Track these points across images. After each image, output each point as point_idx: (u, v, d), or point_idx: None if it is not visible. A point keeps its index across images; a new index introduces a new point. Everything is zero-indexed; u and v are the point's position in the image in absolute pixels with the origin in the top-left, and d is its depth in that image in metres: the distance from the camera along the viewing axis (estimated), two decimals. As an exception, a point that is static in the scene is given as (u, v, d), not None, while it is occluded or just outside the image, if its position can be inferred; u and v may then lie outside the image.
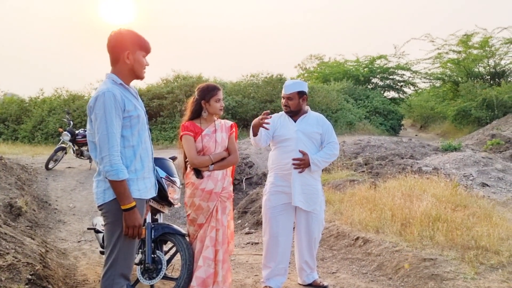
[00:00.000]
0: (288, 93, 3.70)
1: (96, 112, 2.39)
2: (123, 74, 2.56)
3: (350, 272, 4.28)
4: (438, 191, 5.77)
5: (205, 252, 3.34)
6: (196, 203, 3.39)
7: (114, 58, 2.56)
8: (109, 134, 2.37)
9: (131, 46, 2.53)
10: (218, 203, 3.41)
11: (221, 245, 3.39)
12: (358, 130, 19.87)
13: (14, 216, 5.91)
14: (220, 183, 3.43)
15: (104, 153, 2.37)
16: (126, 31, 2.56)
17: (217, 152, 3.43)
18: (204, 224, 3.40)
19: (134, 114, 2.51)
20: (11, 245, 3.75)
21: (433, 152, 10.92)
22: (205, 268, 3.32)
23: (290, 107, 3.71)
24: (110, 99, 2.39)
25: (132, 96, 2.59)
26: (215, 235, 3.38)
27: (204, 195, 3.38)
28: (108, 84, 2.49)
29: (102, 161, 2.38)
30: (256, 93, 18.03)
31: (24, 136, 16.72)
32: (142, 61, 2.59)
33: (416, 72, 26.77)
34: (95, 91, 2.49)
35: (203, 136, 3.43)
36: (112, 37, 2.55)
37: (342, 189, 6.68)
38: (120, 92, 2.47)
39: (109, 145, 2.37)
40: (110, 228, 2.50)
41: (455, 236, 4.36)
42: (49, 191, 8.08)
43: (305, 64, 31.17)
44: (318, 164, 3.63)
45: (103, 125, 2.37)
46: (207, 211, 3.39)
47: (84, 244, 5.67)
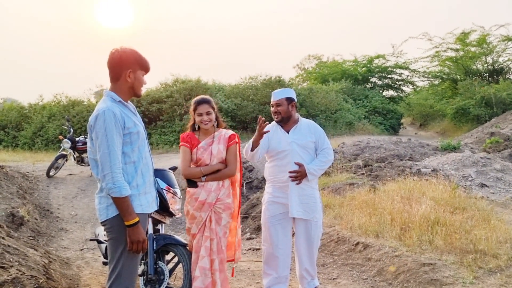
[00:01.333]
0: (276, 100, 3.75)
1: (97, 131, 2.44)
2: (122, 91, 2.61)
3: (351, 278, 4.32)
4: (437, 193, 5.81)
5: (201, 262, 3.38)
6: (190, 212, 3.46)
7: (115, 75, 2.60)
8: (111, 152, 2.41)
9: (133, 65, 2.58)
10: (211, 213, 3.44)
11: (217, 255, 3.42)
12: (357, 130, 19.92)
13: (16, 226, 5.96)
14: (214, 194, 3.46)
15: (106, 170, 2.41)
16: (129, 49, 2.60)
17: (211, 165, 3.46)
18: (197, 234, 3.44)
19: (134, 131, 2.56)
20: (14, 257, 3.80)
21: (432, 152, 10.96)
22: (203, 278, 3.36)
23: (281, 114, 3.74)
24: (110, 117, 2.43)
25: (131, 113, 2.64)
26: (210, 245, 3.42)
27: (197, 204, 3.43)
28: (107, 102, 2.53)
29: (105, 179, 2.42)
30: (255, 95, 18.06)
31: (24, 143, 16.76)
32: (141, 80, 2.65)
33: (414, 70, 26.86)
34: (95, 110, 2.53)
35: (198, 148, 3.49)
36: (114, 55, 2.58)
37: (342, 193, 6.71)
38: (119, 110, 2.51)
39: (111, 163, 2.41)
40: (113, 244, 2.54)
41: (454, 240, 4.40)
42: (50, 199, 8.12)
43: (304, 64, 31.22)
44: (315, 173, 3.68)
45: (104, 143, 2.41)
46: (200, 221, 3.43)
47: (86, 252, 5.71)
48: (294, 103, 3.78)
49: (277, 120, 3.79)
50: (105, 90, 2.65)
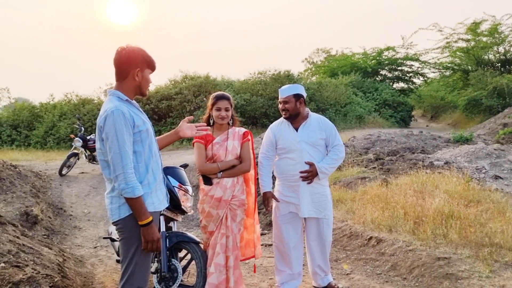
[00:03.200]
0: (284, 97, 3.70)
1: (106, 132, 2.42)
2: (128, 90, 2.58)
3: (365, 273, 4.29)
4: (451, 186, 5.75)
5: (216, 259, 3.39)
6: (206, 210, 3.44)
7: (122, 74, 2.57)
8: (122, 152, 2.40)
9: (141, 64, 2.55)
10: (227, 210, 3.45)
11: (232, 252, 3.43)
12: (368, 123, 19.79)
13: (30, 225, 6.01)
14: (230, 191, 3.46)
15: (118, 171, 2.40)
16: (136, 48, 2.57)
17: (228, 160, 3.46)
18: (214, 231, 3.45)
19: (144, 129, 2.55)
20: (29, 256, 3.82)
21: (444, 145, 10.85)
22: (217, 274, 3.37)
23: (289, 111, 3.70)
24: (120, 117, 2.41)
25: (138, 111, 2.62)
26: (225, 242, 3.43)
27: (213, 202, 3.42)
28: (114, 101, 2.51)
29: (117, 179, 2.41)
30: (264, 90, 18.02)
31: (36, 142, 16.93)
32: (148, 79, 2.62)
33: (425, 62, 26.56)
34: (102, 110, 2.49)
35: (214, 144, 3.47)
36: (121, 53, 2.55)
37: (354, 187, 6.67)
38: (127, 109, 2.49)
39: (122, 163, 2.39)
40: (126, 243, 2.54)
41: (469, 234, 4.35)
42: (63, 197, 8.19)
43: (312, 58, 31.13)
44: (326, 172, 3.62)
45: (115, 144, 2.39)
46: (217, 219, 3.43)
47: (100, 250, 5.75)
48: (303, 99, 3.72)
49: (285, 117, 3.75)
50: (109, 90, 2.61)
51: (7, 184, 7.00)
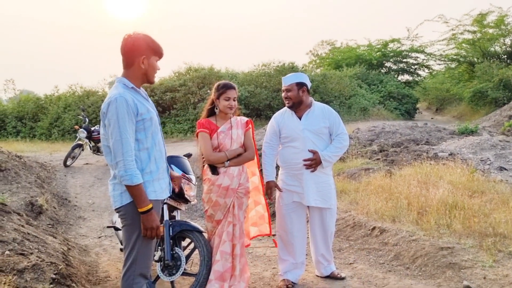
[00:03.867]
0: (286, 85, 3.70)
1: (109, 118, 2.42)
2: (135, 78, 2.57)
3: (367, 263, 4.30)
4: (455, 177, 5.73)
5: (222, 247, 3.40)
6: (213, 199, 3.44)
7: (129, 62, 2.56)
8: (123, 140, 2.40)
9: (147, 51, 2.54)
10: (234, 199, 3.46)
11: (238, 240, 3.45)
12: (372, 115, 19.71)
13: (35, 215, 6.05)
14: (236, 179, 3.47)
15: (118, 158, 2.40)
16: (142, 35, 2.56)
17: (233, 149, 3.47)
18: (222, 220, 3.45)
19: (147, 117, 2.54)
20: (34, 244, 3.85)
21: (449, 136, 10.79)
22: (223, 262, 3.38)
23: (291, 99, 3.68)
24: (122, 104, 2.41)
25: (144, 99, 2.61)
26: (232, 230, 3.44)
27: (220, 191, 3.42)
28: (119, 88, 2.51)
29: (117, 166, 2.41)
30: (268, 82, 17.97)
31: (41, 134, 17.00)
32: (155, 67, 2.60)
33: (430, 54, 26.39)
34: (107, 97, 2.50)
35: (219, 133, 3.46)
36: (127, 41, 2.54)
37: (357, 178, 6.66)
38: (132, 97, 2.49)
39: (123, 150, 2.40)
40: (128, 230, 2.55)
41: (473, 224, 4.34)
42: (68, 188, 8.24)
43: (317, 50, 30.93)
44: (329, 160, 3.62)
45: (116, 130, 2.40)
46: (224, 207, 3.44)
47: (104, 240, 5.79)
48: (306, 87, 3.70)
49: (288, 106, 3.74)
50: (116, 77, 2.62)
51: (12, 175, 7.04)
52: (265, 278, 4.00)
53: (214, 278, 3.36)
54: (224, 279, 3.38)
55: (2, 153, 7.53)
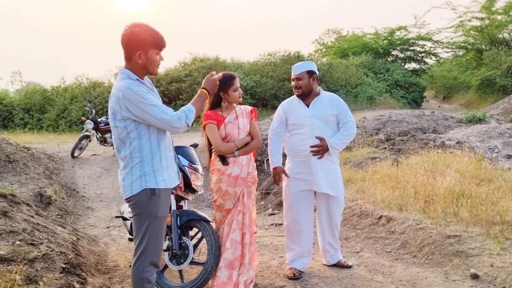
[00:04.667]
0: (297, 74, 3.68)
1: (135, 104, 2.43)
2: (137, 70, 2.57)
3: (374, 251, 4.31)
4: (462, 166, 5.71)
5: (232, 235, 3.43)
6: (223, 189, 3.46)
7: (127, 55, 2.55)
8: (159, 107, 2.49)
9: (143, 46, 2.49)
10: (244, 188, 3.48)
11: (248, 228, 3.48)
12: (379, 104, 19.61)
13: (44, 205, 6.12)
14: (245, 168, 3.49)
15: (169, 122, 2.52)
16: (139, 29, 2.49)
17: (242, 138, 3.48)
18: (231, 209, 3.47)
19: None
20: (44, 235, 3.90)
21: (456, 125, 10.73)
22: (232, 250, 3.41)
23: (301, 88, 3.68)
24: (137, 87, 2.46)
25: (149, 89, 2.62)
26: (242, 219, 3.47)
27: (230, 180, 3.44)
28: (125, 79, 2.52)
29: (175, 127, 2.55)
30: (274, 72, 17.90)
31: (48, 125, 17.10)
32: (154, 60, 2.55)
33: (437, 42, 26.09)
34: (116, 91, 2.49)
35: (226, 123, 3.46)
36: (125, 35, 2.50)
37: (364, 167, 6.66)
38: (138, 88, 2.50)
39: (164, 112, 2.51)
40: (138, 219, 2.58)
41: (480, 212, 4.33)
42: (76, 179, 8.31)
43: (323, 39, 30.66)
44: (337, 147, 3.62)
45: (148, 106, 2.45)
46: (234, 196, 3.46)
47: (112, 230, 5.84)
48: (316, 76, 3.70)
49: (297, 95, 3.73)
50: (120, 68, 2.61)
51: (21, 166, 7.11)
52: (272, 266, 4.02)
53: (223, 266, 3.40)
54: (233, 267, 3.41)
55: (10, 145, 7.60)
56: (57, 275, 3.13)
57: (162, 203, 2.59)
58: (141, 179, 2.53)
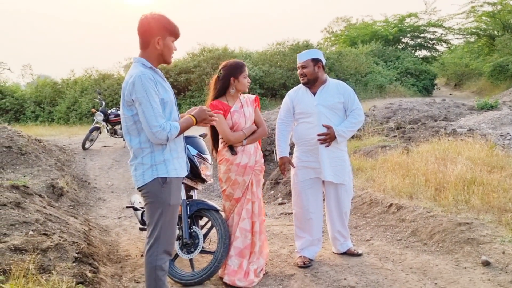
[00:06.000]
0: (302, 62, 3.68)
1: (138, 96, 2.45)
2: (152, 58, 2.59)
3: (384, 239, 4.30)
4: (474, 153, 5.65)
5: (242, 224, 3.45)
6: (232, 178, 3.47)
7: (144, 42, 2.58)
8: (155, 110, 2.45)
9: (161, 32, 2.54)
10: (252, 176, 3.49)
11: (257, 217, 3.50)
12: (389, 93, 19.45)
13: (57, 196, 6.19)
14: (253, 157, 3.50)
15: (155, 129, 2.46)
16: (158, 15, 2.56)
17: (250, 127, 3.49)
18: (241, 198, 3.48)
19: (165, 97, 2.57)
20: (56, 225, 3.96)
21: (468, 112, 10.61)
22: (242, 239, 3.44)
23: (307, 76, 3.67)
24: (148, 80, 2.46)
25: (161, 79, 2.64)
26: (251, 207, 3.48)
27: (239, 169, 3.45)
28: (139, 67, 2.53)
29: (155, 134, 2.46)
30: (282, 61, 17.82)
31: (59, 118, 17.24)
32: (171, 47, 2.61)
33: (448, 28, 25.75)
34: (128, 76, 2.52)
35: (232, 112, 3.46)
36: (143, 22, 2.55)
37: (374, 156, 6.62)
38: (152, 76, 2.51)
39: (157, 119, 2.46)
40: (151, 208, 2.60)
41: (492, 199, 4.29)
42: (87, 170, 8.39)
43: (332, 27, 30.47)
44: (344, 135, 3.61)
45: (147, 104, 2.44)
46: (243, 185, 3.47)
47: (124, 220, 5.90)
48: (321, 63, 3.68)
49: (303, 82, 3.72)
50: (134, 57, 2.63)
51: (33, 158, 7.19)
52: (282, 255, 4.04)
53: (234, 254, 3.43)
54: (244, 256, 3.44)
55: (22, 137, 7.68)
56: (70, 264, 3.17)
57: (174, 191, 2.61)
58: (152, 168, 2.55)
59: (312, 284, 3.34)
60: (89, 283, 3.07)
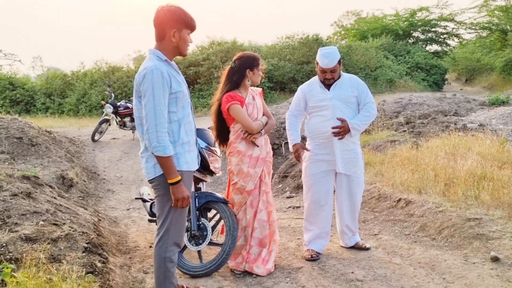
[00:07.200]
0: (332, 67, 3.59)
1: (144, 89, 2.44)
2: (167, 50, 2.59)
3: (393, 234, 4.29)
4: (484, 148, 5.60)
5: (259, 215, 3.49)
6: (245, 170, 3.47)
7: (160, 34, 2.57)
8: (157, 111, 2.42)
9: (178, 24, 2.53)
10: (264, 167, 3.51)
11: (272, 206, 3.57)
12: (399, 87, 19.31)
13: (66, 187, 6.25)
14: (264, 148, 3.54)
15: (151, 129, 2.43)
16: (174, 7, 2.54)
17: (263, 117, 3.55)
18: (253, 190, 3.49)
19: (179, 90, 2.56)
20: (66, 215, 4.00)
21: (479, 108, 10.52)
22: (261, 229, 3.49)
23: (334, 78, 3.67)
24: (158, 76, 2.43)
25: (175, 72, 2.63)
26: (266, 198, 3.52)
27: (251, 161, 3.47)
28: (154, 60, 2.52)
29: (149, 137, 2.44)
30: (292, 55, 17.76)
31: (69, 109, 17.38)
32: (187, 40, 2.60)
33: (460, 22, 25.44)
34: (142, 67, 2.52)
35: (247, 104, 3.47)
36: (159, 13, 2.54)
37: (383, 150, 6.59)
38: (166, 69, 2.51)
39: (156, 122, 2.42)
40: (161, 200, 2.62)
41: (502, 195, 4.25)
42: (96, 162, 8.45)
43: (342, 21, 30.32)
44: (358, 128, 3.62)
45: (151, 102, 2.42)
46: (256, 177, 3.48)
47: (133, 212, 5.95)
48: (341, 60, 3.72)
49: (329, 83, 3.69)
50: (150, 49, 2.63)
51: (43, 149, 7.25)
52: (290, 248, 4.05)
53: (254, 244, 3.49)
54: (264, 245, 3.49)
55: (33, 129, 7.75)
56: (80, 254, 3.21)
57: (185, 184, 2.62)
58: None
59: (319, 277, 3.35)
60: (98, 273, 3.11)
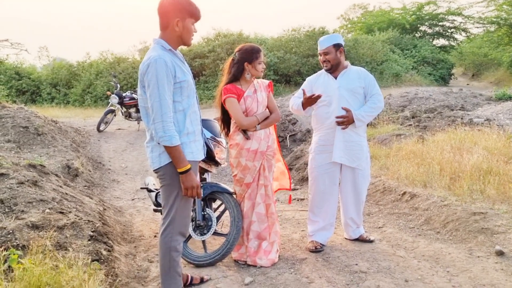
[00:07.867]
0: (324, 48, 3.63)
1: (148, 79, 2.44)
2: (171, 40, 2.57)
3: (397, 227, 4.29)
4: (490, 143, 5.58)
5: (257, 209, 3.49)
6: (243, 163, 3.47)
7: (164, 23, 2.56)
8: (162, 101, 2.42)
9: (181, 13, 2.51)
10: (264, 161, 3.49)
11: (271, 199, 3.54)
12: (405, 81, 19.17)
13: (72, 177, 6.29)
14: (264, 142, 3.49)
15: (157, 119, 2.43)
16: None
17: (263, 112, 3.48)
18: (251, 183, 3.49)
19: (184, 79, 2.55)
20: (72, 204, 4.02)
21: (485, 102, 10.45)
22: (258, 223, 3.49)
23: (330, 62, 3.64)
24: (162, 66, 2.42)
25: (180, 61, 2.62)
26: (265, 191, 3.50)
27: (249, 155, 3.45)
28: (158, 50, 2.52)
29: (155, 127, 2.44)
30: (298, 47, 17.65)
31: (75, 100, 17.42)
32: (191, 29, 2.58)
33: (468, 17, 25.15)
34: (146, 57, 2.51)
35: (245, 97, 3.44)
36: (163, 2, 2.53)
37: (388, 144, 6.57)
38: (170, 59, 2.50)
39: (162, 112, 2.42)
40: (167, 190, 2.62)
41: (507, 190, 4.24)
42: (102, 152, 8.48)
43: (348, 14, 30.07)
44: (362, 119, 3.59)
45: (155, 92, 2.42)
46: (254, 170, 3.47)
47: (137, 202, 5.97)
48: (342, 48, 3.67)
49: (326, 69, 3.70)
50: (154, 38, 2.62)
51: (49, 139, 7.29)
52: (294, 240, 4.06)
53: (253, 237, 3.50)
54: (263, 238, 3.50)
55: (39, 118, 7.78)
56: (86, 242, 3.24)
57: None
58: None
59: (323, 268, 3.36)
60: (104, 261, 3.13)
